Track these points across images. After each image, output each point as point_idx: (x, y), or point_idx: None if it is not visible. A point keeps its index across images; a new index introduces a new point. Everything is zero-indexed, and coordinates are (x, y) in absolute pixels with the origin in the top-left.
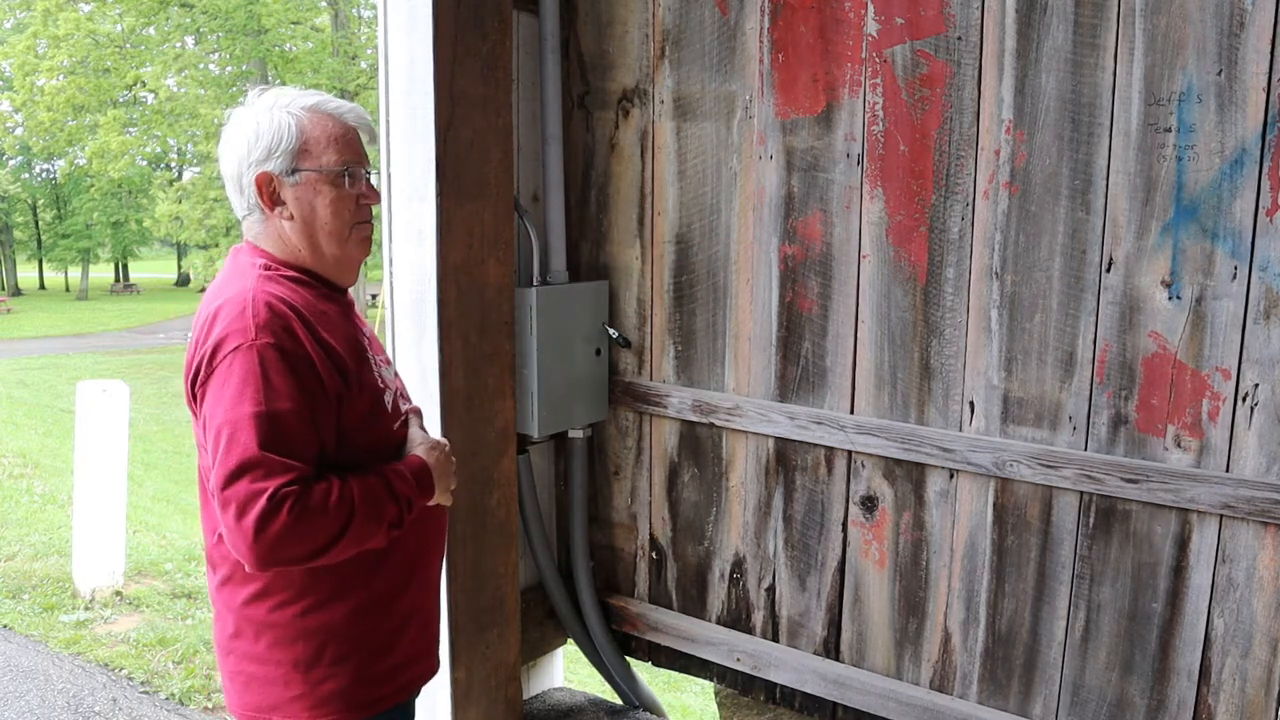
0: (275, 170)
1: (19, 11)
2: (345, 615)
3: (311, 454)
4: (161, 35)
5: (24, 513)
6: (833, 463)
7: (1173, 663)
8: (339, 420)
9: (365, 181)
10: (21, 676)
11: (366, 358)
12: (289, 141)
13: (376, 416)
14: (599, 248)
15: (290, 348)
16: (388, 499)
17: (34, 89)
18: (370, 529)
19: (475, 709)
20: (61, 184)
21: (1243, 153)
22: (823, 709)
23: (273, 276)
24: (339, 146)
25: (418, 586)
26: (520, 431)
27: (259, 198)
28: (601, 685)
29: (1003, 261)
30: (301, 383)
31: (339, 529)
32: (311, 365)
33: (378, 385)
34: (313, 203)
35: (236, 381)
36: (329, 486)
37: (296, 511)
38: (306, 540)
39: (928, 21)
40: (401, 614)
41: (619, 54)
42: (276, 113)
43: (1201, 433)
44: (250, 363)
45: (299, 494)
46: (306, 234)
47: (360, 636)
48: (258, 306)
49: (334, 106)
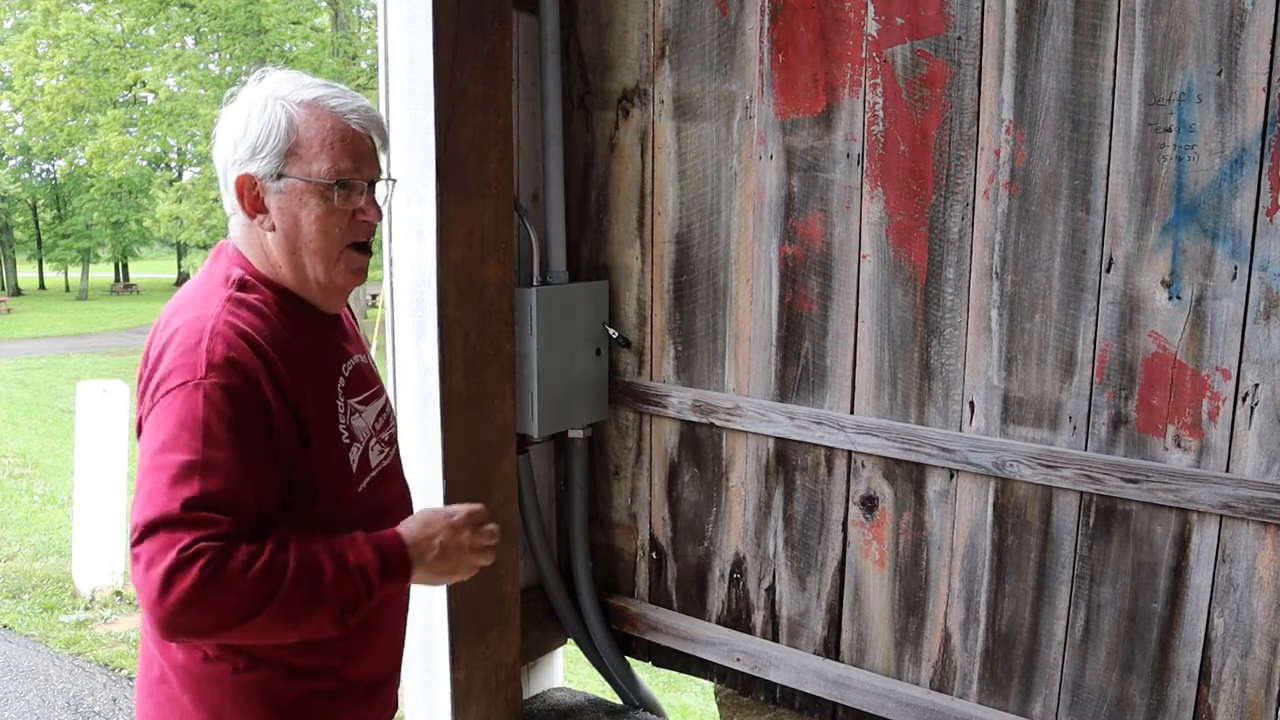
0: (259, 173)
1: (19, 11)
2: (284, 677)
3: (247, 511)
4: (161, 35)
5: (24, 513)
6: (833, 463)
7: (1173, 663)
8: (289, 479)
9: (366, 196)
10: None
11: (334, 408)
12: (277, 141)
13: (335, 480)
14: (599, 248)
15: (241, 390)
16: (335, 573)
17: (34, 89)
18: (307, 607)
19: (475, 709)
20: (61, 184)
21: (1243, 153)
22: (823, 709)
23: (243, 299)
24: (335, 152)
25: (377, 651)
26: (520, 431)
27: (239, 201)
28: (601, 685)
29: (1003, 261)
30: (246, 433)
31: (262, 600)
32: (263, 413)
33: (341, 443)
34: (297, 215)
35: (174, 423)
36: (258, 549)
37: (210, 570)
38: (219, 605)
39: (928, 21)
40: (349, 680)
41: (619, 54)
42: (270, 105)
43: (1201, 433)
44: (193, 404)
45: (218, 551)
46: (288, 250)
47: (295, 702)
48: (214, 340)
49: (337, 103)
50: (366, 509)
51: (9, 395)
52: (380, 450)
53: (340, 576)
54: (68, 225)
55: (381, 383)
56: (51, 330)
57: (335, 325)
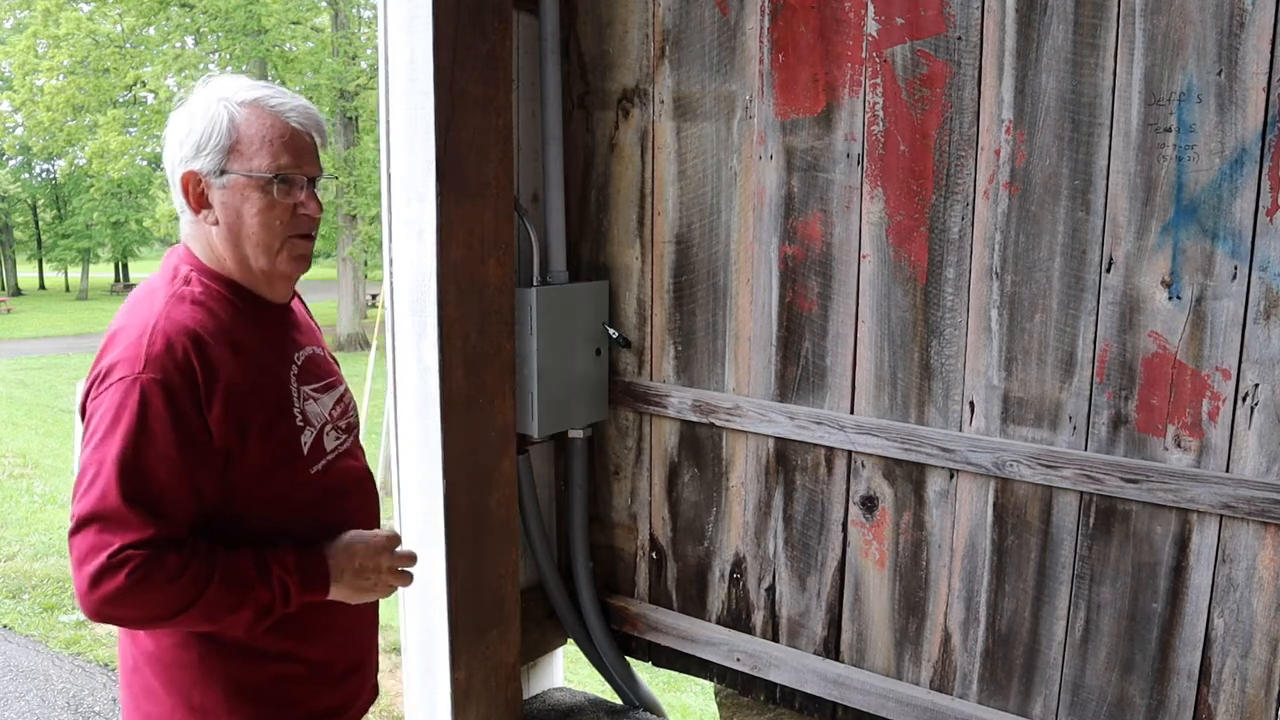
0: (202, 170)
1: (19, 11)
2: (249, 661)
3: (179, 511)
4: (161, 35)
5: (24, 513)
6: (833, 463)
7: (1173, 663)
8: (230, 473)
9: (306, 190)
10: (21, 676)
11: (287, 393)
12: (219, 138)
13: (285, 464)
14: (599, 248)
15: (179, 388)
16: (258, 584)
17: (34, 89)
18: (225, 611)
19: (475, 709)
20: (61, 184)
21: (1243, 153)
22: (823, 709)
23: (188, 295)
24: (274, 149)
25: (338, 636)
26: (520, 431)
27: (184, 198)
28: (601, 685)
29: (1003, 261)
30: (184, 430)
31: (186, 603)
32: (200, 411)
33: (293, 427)
34: (239, 209)
35: (110, 418)
36: (185, 558)
37: (137, 577)
38: (142, 607)
39: (928, 21)
40: (315, 664)
41: (619, 54)
42: (213, 105)
43: (1201, 433)
44: (130, 399)
45: (146, 559)
46: (232, 243)
47: (264, 685)
48: (155, 335)
49: (276, 102)
50: (320, 490)
51: (9, 395)
52: (337, 436)
53: (261, 587)
54: (68, 225)
55: (339, 374)
56: (51, 330)
57: (286, 317)
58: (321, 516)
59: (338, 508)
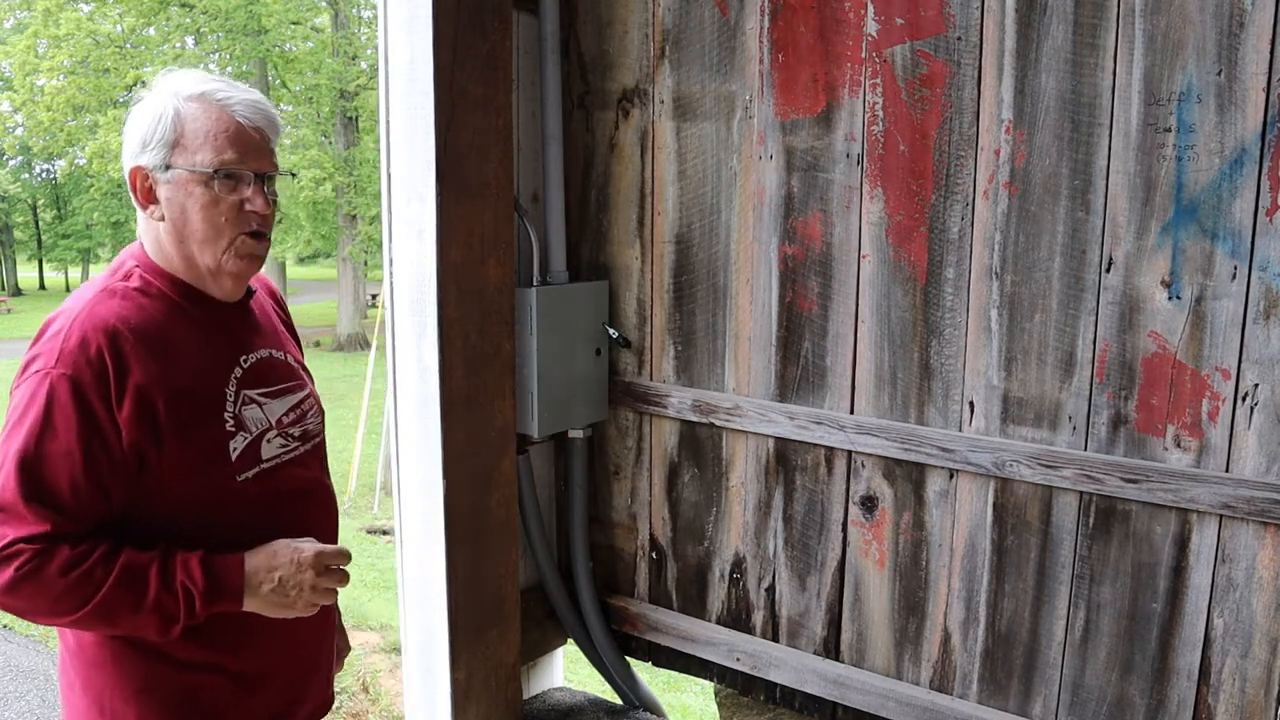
0: (148, 164)
1: (19, 11)
2: (164, 667)
3: (79, 508)
4: (161, 35)
5: None
6: (833, 463)
7: (1172, 663)
8: (144, 474)
9: (254, 187)
10: (21, 676)
11: (218, 395)
12: (164, 133)
13: (206, 468)
14: (599, 248)
15: (88, 384)
16: (157, 588)
17: (34, 89)
18: (127, 613)
19: (475, 709)
20: (61, 184)
21: (1242, 153)
22: (822, 709)
23: (121, 290)
24: (218, 143)
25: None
26: (520, 431)
27: (132, 193)
28: (601, 685)
29: (1002, 261)
30: (88, 426)
31: (80, 601)
32: (109, 409)
33: (220, 431)
34: (184, 205)
35: (20, 411)
36: (79, 554)
37: (25, 572)
38: (32, 600)
39: (928, 21)
40: (237, 675)
41: (619, 54)
42: (163, 99)
43: (1201, 433)
44: (38, 393)
45: (36, 553)
46: (177, 239)
47: (177, 694)
48: (72, 330)
49: (223, 96)
50: (253, 497)
51: None
52: (284, 444)
53: (162, 593)
54: (68, 225)
55: (303, 380)
56: None
57: (240, 318)
58: (254, 525)
59: (272, 517)
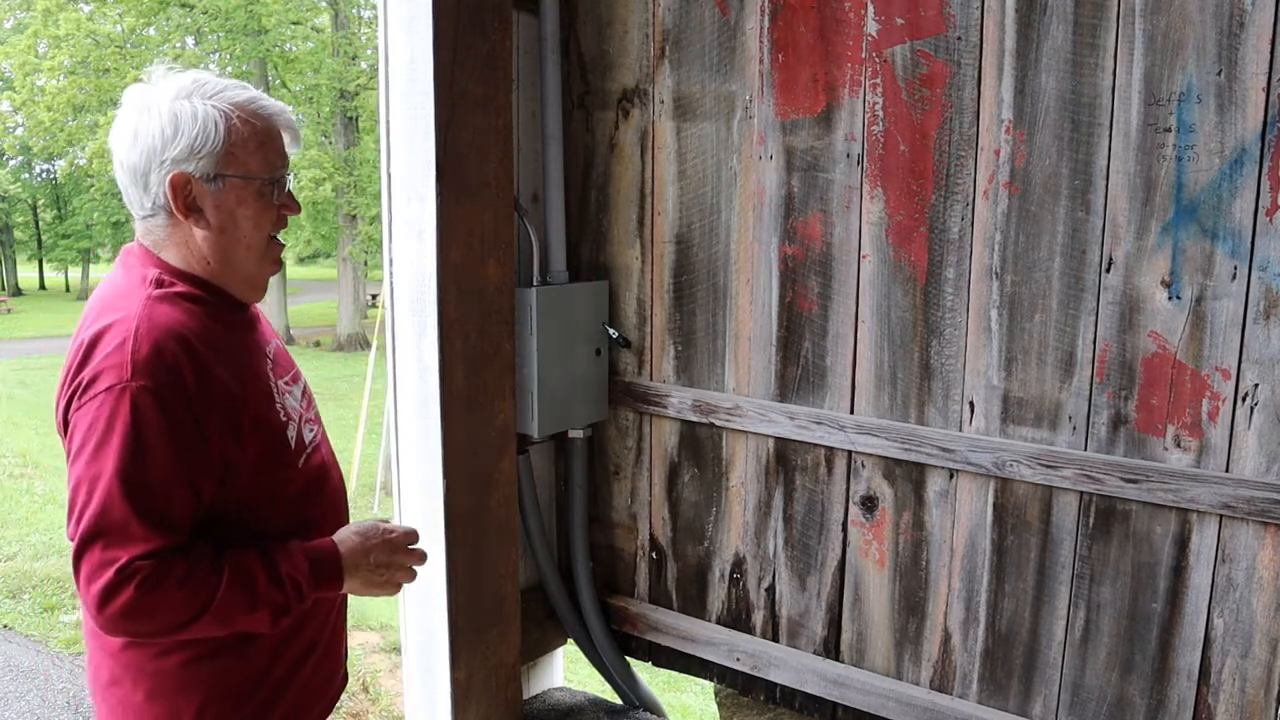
0: (195, 173)
1: (19, 11)
2: (234, 664)
3: (182, 518)
4: (162, 35)
5: (24, 513)
6: (833, 463)
7: (1172, 663)
8: (225, 474)
9: (288, 191)
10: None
11: (269, 389)
12: (215, 143)
13: (276, 460)
14: (599, 248)
15: (170, 394)
16: (267, 582)
17: (34, 89)
18: (240, 613)
19: (475, 709)
20: (61, 184)
21: (1242, 153)
22: (823, 709)
23: (164, 296)
24: (268, 152)
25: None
26: (520, 431)
27: (172, 202)
28: (601, 685)
29: (1003, 261)
30: (179, 437)
31: (198, 609)
32: (194, 416)
33: (279, 421)
34: (235, 213)
35: (102, 430)
36: (191, 563)
37: (146, 588)
38: (156, 617)
39: (928, 21)
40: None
41: (619, 54)
42: (202, 106)
43: (1201, 433)
44: (122, 410)
45: (153, 569)
46: (221, 246)
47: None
48: (140, 340)
49: (266, 106)
50: (305, 481)
51: (9, 395)
52: (310, 429)
53: (272, 587)
54: (68, 225)
55: (298, 366)
56: (52, 330)
57: (250, 316)
58: (302, 512)
59: (317, 497)
